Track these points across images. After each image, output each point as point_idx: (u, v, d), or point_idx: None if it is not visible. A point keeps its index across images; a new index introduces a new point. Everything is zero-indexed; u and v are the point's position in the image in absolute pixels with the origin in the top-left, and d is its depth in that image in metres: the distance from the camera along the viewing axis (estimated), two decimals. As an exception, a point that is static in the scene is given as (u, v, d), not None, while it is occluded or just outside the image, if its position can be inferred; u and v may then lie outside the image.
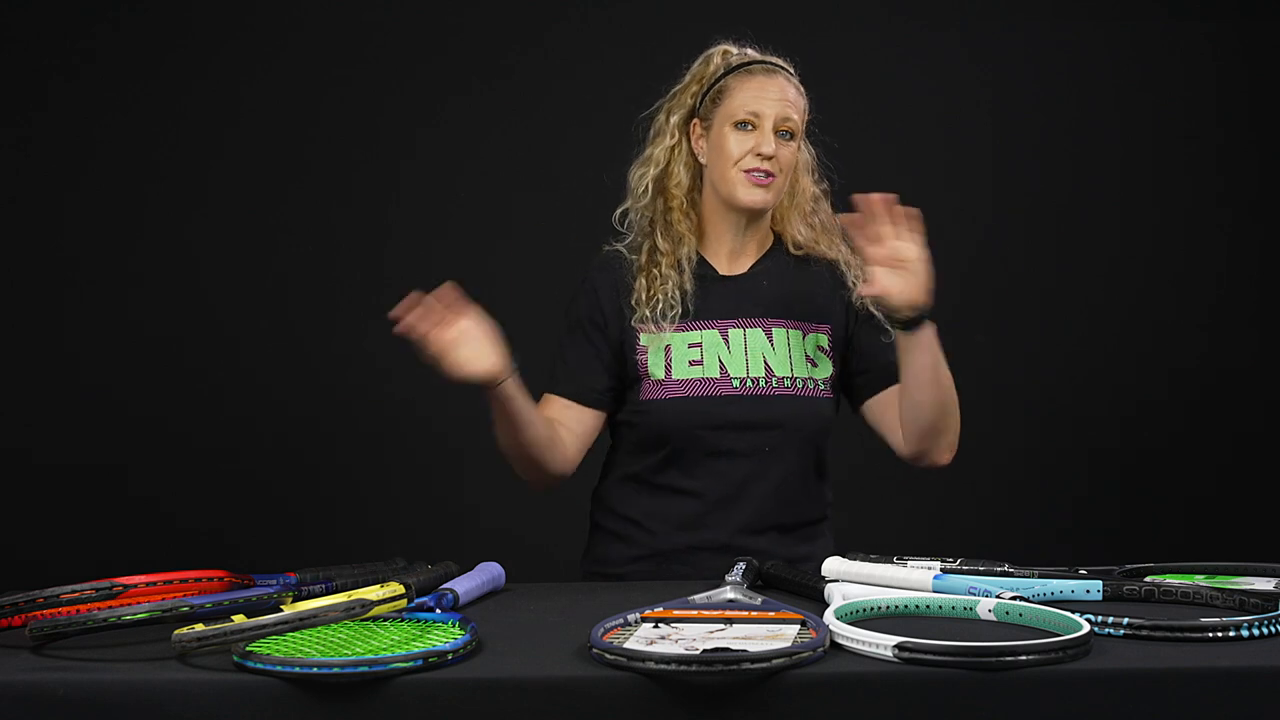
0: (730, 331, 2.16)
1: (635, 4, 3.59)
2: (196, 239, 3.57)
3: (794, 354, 2.17)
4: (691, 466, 2.14)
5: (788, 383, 2.14)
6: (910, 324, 2.00)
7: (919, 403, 2.08)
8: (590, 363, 2.18)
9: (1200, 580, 1.80)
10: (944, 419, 2.10)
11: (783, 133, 2.13)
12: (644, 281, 2.17)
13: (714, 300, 2.18)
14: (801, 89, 2.18)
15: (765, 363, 2.15)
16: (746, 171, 2.12)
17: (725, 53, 2.21)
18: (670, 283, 2.16)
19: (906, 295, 1.95)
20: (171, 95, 3.56)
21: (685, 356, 2.15)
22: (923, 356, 2.04)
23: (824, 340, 2.20)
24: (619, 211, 2.27)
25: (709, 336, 2.16)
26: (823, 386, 2.18)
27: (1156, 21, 3.65)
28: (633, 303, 2.17)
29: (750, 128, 2.12)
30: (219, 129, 3.57)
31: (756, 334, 2.17)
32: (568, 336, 2.22)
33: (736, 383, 2.13)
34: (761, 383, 2.14)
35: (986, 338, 2.11)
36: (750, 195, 2.13)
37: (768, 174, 2.12)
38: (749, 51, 2.21)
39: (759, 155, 2.11)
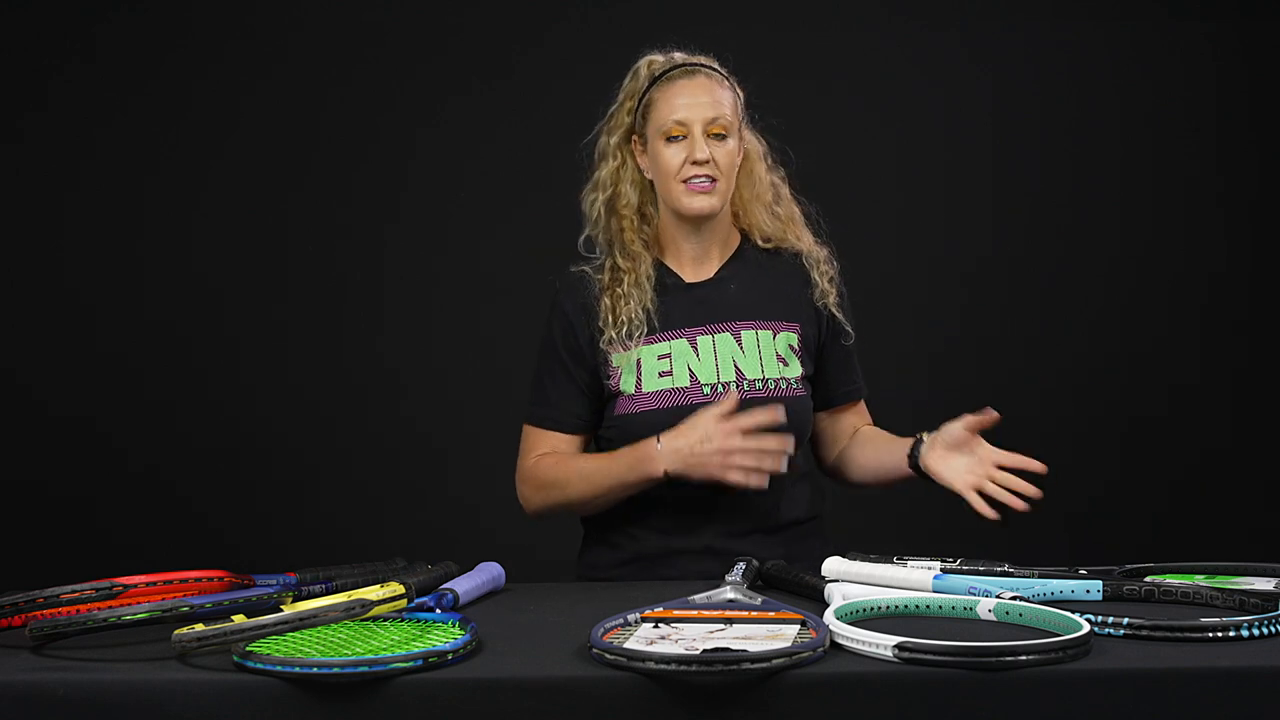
0: (699, 339, 2.16)
1: (636, 4, 3.59)
2: (197, 239, 3.57)
3: (764, 355, 2.16)
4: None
5: (759, 385, 2.14)
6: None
7: (870, 473, 2.23)
8: (568, 390, 2.18)
9: (1200, 580, 1.80)
10: (873, 487, 2.26)
11: (714, 135, 2.12)
12: (608, 302, 2.17)
13: (680, 309, 2.18)
14: (728, 82, 2.16)
15: (736, 366, 2.14)
16: (685, 182, 2.12)
17: (651, 63, 2.19)
18: (633, 301, 2.15)
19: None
20: (171, 95, 3.56)
21: (655, 368, 2.14)
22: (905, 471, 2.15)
23: (794, 339, 2.19)
24: (581, 239, 2.26)
25: (678, 346, 2.15)
26: (796, 385, 2.17)
27: (1157, 21, 3.65)
28: (600, 325, 2.16)
29: (681, 138, 2.12)
30: (219, 129, 3.57)
31: (725, 338, 2.16)
32: (544, 366, 2.21)
33: (707, 389, 2.12)
34: (732, 387, 2.13)
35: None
36: (695, 203, 2.13)
37: (708, 179, 2.12)
38: (675, 56, 2.19)
39: (694, 163, 2.11)
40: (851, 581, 1.78)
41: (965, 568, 1.80)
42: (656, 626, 1.57)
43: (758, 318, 2.18)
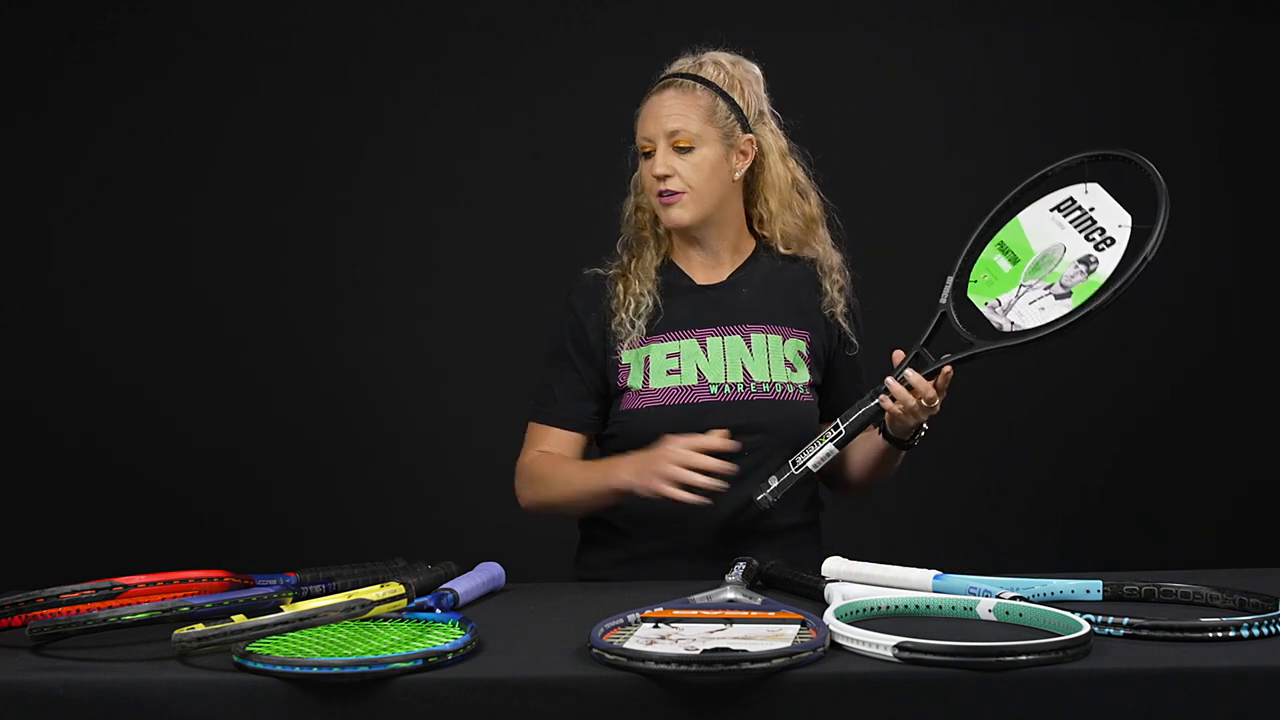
0: (708, 340, 2.17)
1: (637, 5, 3.58)
2: (196, 240, 3.56)
3: (773, 359, 2.17)
4: None
5: (766, 387, 2.15)
6: (904, 444, 2.12)
7: (852, 473, 2.24)
8: (574, 388, 2.20)
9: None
10: (860, 492, 2.27)
11: (679, 148, 2.12)
12: (620, 288, 2.20)
13: (691, 310, 2.19)
14: (703, 88, 2.13)
15: (744, 368, 2.16)
16: (657, 196, 2.15)
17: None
18: (637, 285, 2.19)
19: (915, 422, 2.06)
20: (171, 96, 3.55)
21: (663, 366, 2.16)
22: (890, 462, 2.18)
23: (802, 346, 2.20)
24: (619, 241, 2.28)
25: (687, 346, 2.17)
26: (803, 390, 2.18)
27: (1157, 21, 3.65)
28: (611, 308, 2.19)
29: (651, 153, 2.15)
30: (218, 130, 3.57)
31: (735, 340, 2.17)
32: (553, 365, 2.23)
33: (714, 389, 2.14)
34: (740, 388, 2.14)
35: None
36: (666, 215, 2.16)
37: (672, 192, 2.13)
38: (673, 65, 2.19)
39: (655, 177, 2.14)
40: (851, 581, 1.78)
41: (965, 568, 1.80)
42: (656, 626, 1.57)
43: (768, 322, 2.19)
